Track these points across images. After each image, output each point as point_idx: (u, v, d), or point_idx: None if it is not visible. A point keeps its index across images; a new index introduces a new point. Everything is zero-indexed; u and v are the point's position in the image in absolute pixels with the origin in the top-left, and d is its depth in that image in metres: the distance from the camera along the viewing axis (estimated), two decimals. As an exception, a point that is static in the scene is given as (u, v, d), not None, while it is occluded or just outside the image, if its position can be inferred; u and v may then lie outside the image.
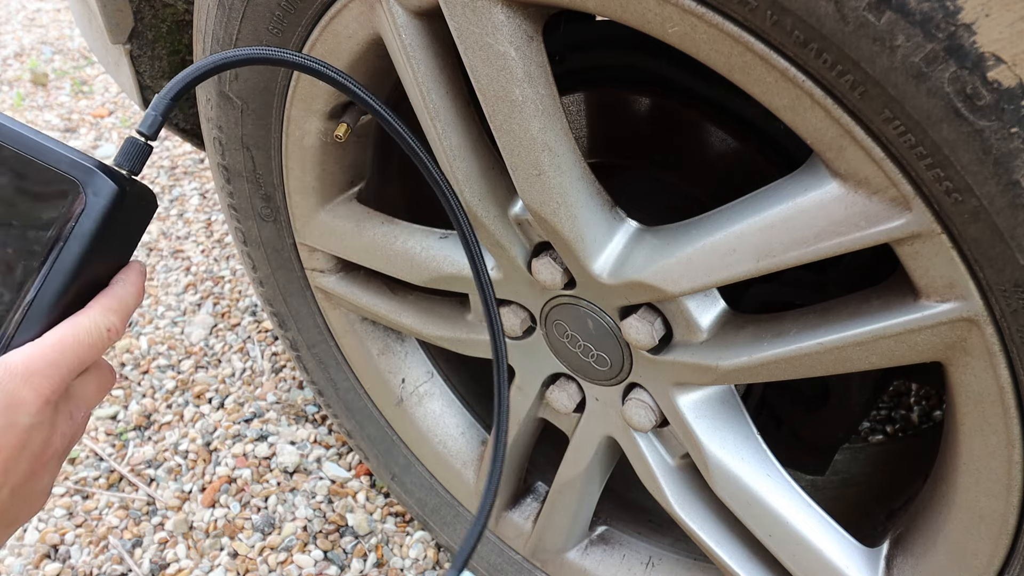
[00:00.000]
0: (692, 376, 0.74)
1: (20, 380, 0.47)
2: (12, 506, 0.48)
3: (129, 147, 0.51)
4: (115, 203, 0.49)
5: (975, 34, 0.43)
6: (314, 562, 1.25)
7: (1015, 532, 0.62)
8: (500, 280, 0.81)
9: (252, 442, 1.44)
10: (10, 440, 0.46)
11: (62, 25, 3.10)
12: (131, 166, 0.51)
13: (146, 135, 0.51)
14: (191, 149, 2.32)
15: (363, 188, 0.94)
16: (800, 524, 0.75)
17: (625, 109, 0.95)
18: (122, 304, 0.53)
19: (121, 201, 0.50)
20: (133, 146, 0.51)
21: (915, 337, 0.57)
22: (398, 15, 0.67)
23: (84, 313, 0.51)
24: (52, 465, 0.51)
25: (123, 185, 0.50)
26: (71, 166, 0.49)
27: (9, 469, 0.47)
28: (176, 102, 0.52)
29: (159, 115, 0.52)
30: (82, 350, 0.50)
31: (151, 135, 0.52)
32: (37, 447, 0.48)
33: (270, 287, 1.09)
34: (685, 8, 0.52)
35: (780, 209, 0.58)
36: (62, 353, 0.49)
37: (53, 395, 0.48)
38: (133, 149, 0.51)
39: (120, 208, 0.50)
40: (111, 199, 0.49)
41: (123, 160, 0.51)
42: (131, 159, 0.51)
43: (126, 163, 0.51)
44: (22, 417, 0.47)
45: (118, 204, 0.50)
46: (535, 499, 1.07)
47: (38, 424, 0.48)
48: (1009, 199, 0.47)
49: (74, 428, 0.52)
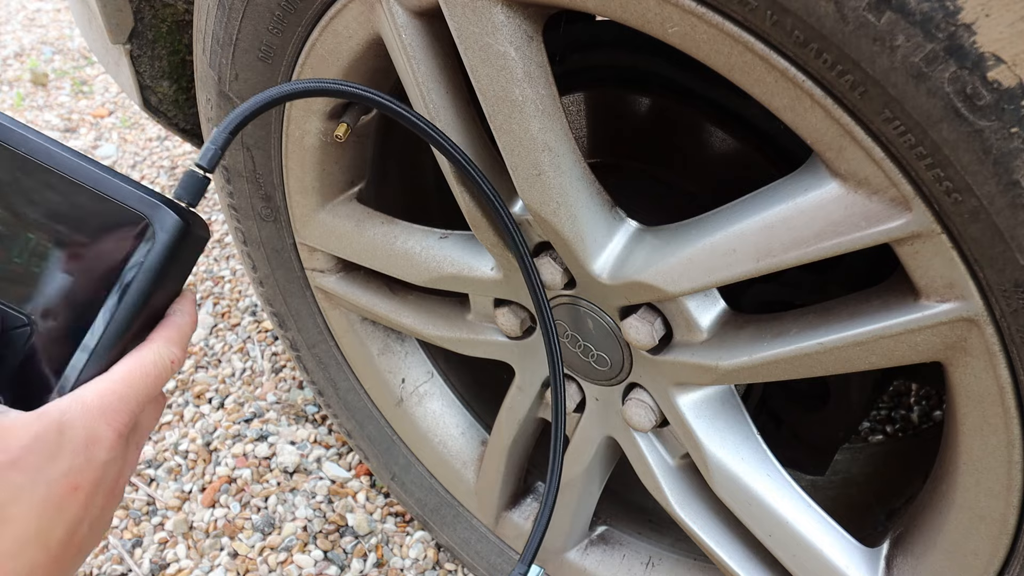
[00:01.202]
0: (692, 376, 0.74)
1: (97, 417, 0.47)
2: (88, 539, 0.49)
3: (188, 180, 0.52)
4: (180, 237, 0.51)
5: (975, 34, 0.43)
6: (314, 562, 1.25)
7: (1015, 532, 0.62)
8: (500, 280, 0.81)
9: (252, 442, 1.44)
10: (89, 476, 0.47)
11: (62, 25, 3.10)
12: (190, 199, 0.52)
13: (205, 168, 0.53)
14: (191, 149, 2.32)
15: (363, 188, 0.94)
16: (800, 524, 0.75)
17: (625, 109, 0.95)
18: (181, 334, 0.53)
19: (186, 235, 0.51)
20: (192, 179, 0.52)
21: (915, 337, 0.57)
22: (398, 15, 0.67)
23: (147, 346, 0.52)
24: (119, 495, 0.52)
25: (187, 219, 0.51)
26: (139, 202, 0.50)
27: (89, 504, 0.48)
28: (234, 135, 0.54)
29: (218, 148, 0.53)
30: (149, 382, 0.51)
31: (210, 168, 0.53)
32: (111, 481, 0.49)
33: (270, 287, 1.09)
34: (685, 8, 0.52)
35: (780, 209, 0.58)
36: (132, 387, 0.50)
37: (125, 429, 0.49)
38: (192, 182, 0.52)
39: (182, 239, 0.51)
40: (177, 234, 0.51)
41: (183, 193, 0.52)
42: (190, 192, 0.52)
43: (185, 196, 0.52)
44: (100, 453, 0.47)
45: (183, 238, 0.51)
46: (535, 499, 1.07)
47: (113, 459, 0.49)
48: (1009, 199, 0.47)
49: (136, 457, 0.53)
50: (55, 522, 0.46)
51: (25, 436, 0.44)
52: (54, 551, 0.46)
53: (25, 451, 0.44)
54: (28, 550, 0.45)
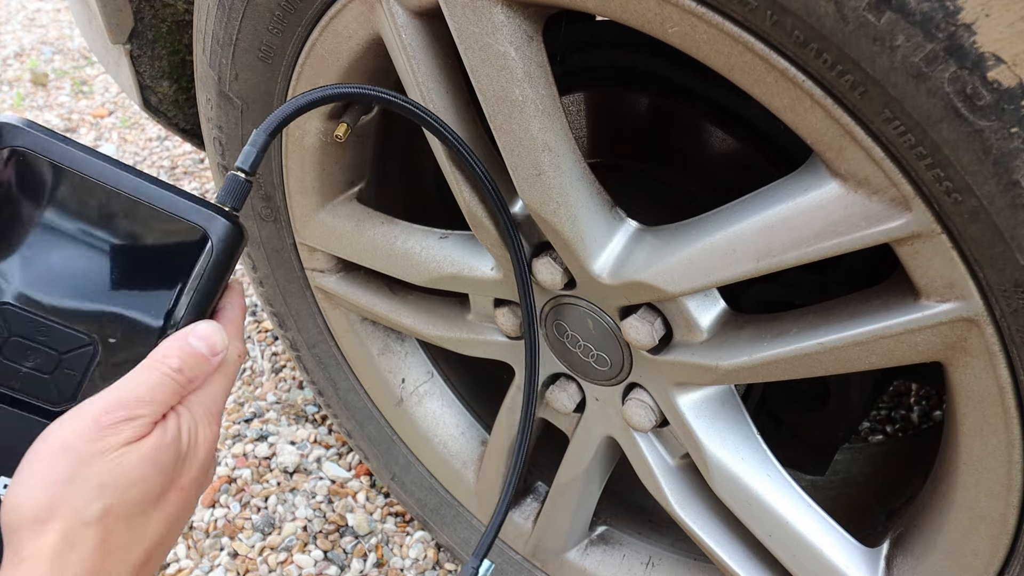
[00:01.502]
0: (692, 376, 0.74)
1: (202, 420, 0.52)
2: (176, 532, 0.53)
3: (231, 184, 0.54)
4: (234, 242, 0.53)
5: (975, 34, 0.43)
6: (314, 562, 1.25)
7: (1015, 532, 0.62)
8: (500, 280, 0.81)
9: (252, 442, 1.44)
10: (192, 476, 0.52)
11: (62, 25, 3.10)
12: (234, 203, 0.54)
13: (247, 171, 0.54)
14: (191, 149, 2.32)
15: (363, 188, 0.94)
16: (800, 524, 0.75)
17: (625, 109, 0.95)
18: (238, 327, 0.56)
19: (239, 240, 0.53)
20: (235, 183, 0.54)
21: (915, 337, 0.57)
22: (398, 15, 0.67)
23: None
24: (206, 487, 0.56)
25: (238, 224, 0.53)
26: (195, 213, 0.51)
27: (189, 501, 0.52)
28: (273, 137, 0.55)
29: (257, 151, 0.54)
30: (229, 381, 0.54)
31: (251, 171, 0.54)
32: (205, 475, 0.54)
33: (270, 287, 1.09)
34: (685, 8, 0.52)
35: (780, 209, 0.58)
36: (222, 388, 0.54)
37: (219, 428, 0.54)
38: (235, 186, 0.54)
39: (237, 245, 0.53)
40: (231, 240, 0.53)
41: (227, 197, 0.53)
42: (234, 196, 0.54)
43: (229, 200, 0.53)
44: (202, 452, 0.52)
45: (236, 242, 0.53)
46: (535, 499, 1.07)
47: (210, 456, 0.54)
48: (1009, 199, 0.47)
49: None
50: (156, 521, 0.49)
51: (146, 460, 0.47)
52: (148, 550, 0.49)
53: (144, 474, 0.47)
54: (130, 549, 0.48)
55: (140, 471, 0.47)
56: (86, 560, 0.45)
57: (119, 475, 0.46)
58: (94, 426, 0.46)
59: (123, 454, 0.46)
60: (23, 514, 0.45)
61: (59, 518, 0.44)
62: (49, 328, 0.50)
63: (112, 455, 0.46)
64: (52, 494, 0.45)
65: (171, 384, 0.49)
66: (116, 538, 0.47)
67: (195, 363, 0.50)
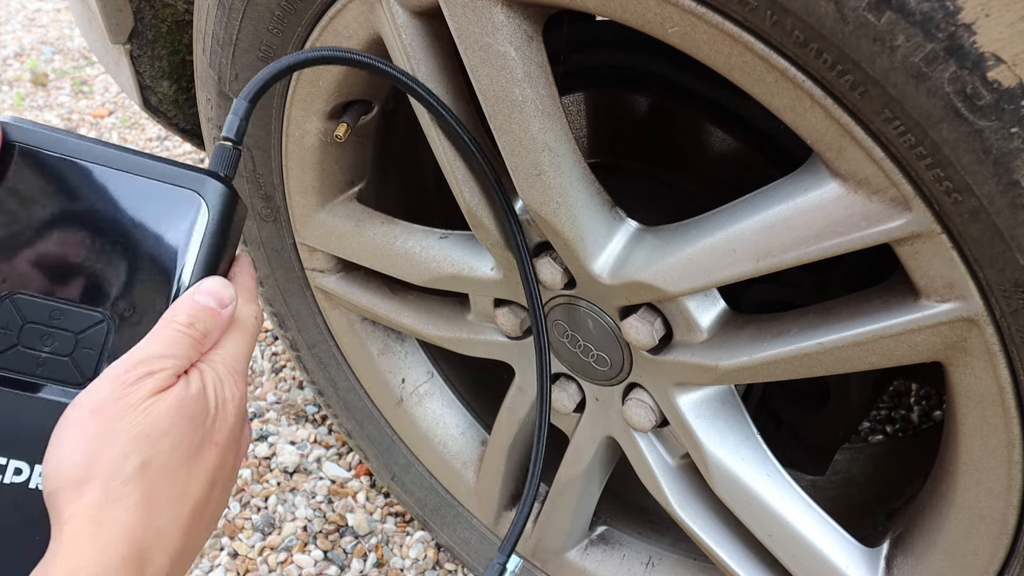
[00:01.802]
0: (692, 376, 0.74)
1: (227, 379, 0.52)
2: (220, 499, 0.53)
3: (221, 153, 0.54)
4: (231, 204, 0.53)
5: (975, 34, 0.43)
6: (314, 562, 1.25)
7: (1015, 532, 0.62)
8: (500, 280, 0.81)
9: (252, 442, 1.44)
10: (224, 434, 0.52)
11: (62, 25, 3.10)
12: (226, 171, 0.54)
13: (234, 140, 0.54)
14: (191, 149, 2.32)
15: (363, 188, 0.94)
16: (800, 524, 0.75)
17: (625, 109, 0.95)
18: (252, 292, 0.56)
19: (235, 202, 0.53)
20: (223, 152, 0.54)
21: (915, 337, 0.57)
22: (398, 15, 0.67)
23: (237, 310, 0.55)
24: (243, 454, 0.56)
25: (232, 188, 0.53)
26: (186, 179, 0.52)
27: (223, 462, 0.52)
28: (254, 104, 0.55)
29: (241, 118, 0.54)
30: (249, 342, 0.54)
31: (237, 139, 0.54)
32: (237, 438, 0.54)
33: (270, 287, 1.09)
34: (685, 8, 0.52)
35: (780, 209, 0.58)
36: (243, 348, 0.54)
37: (246, 387, 0.54)
38: (225, 155, 0.54)
39: (234, 208, 0.53)
40: (228, 201, 0.53)
41: (218, 167, 0.54)
42: (225, 164, 0.54)
43: (222, 169, 0.54)
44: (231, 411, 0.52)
45: (233, 205, 0.53)
46: (535, 499, 1.07)
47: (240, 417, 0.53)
48: (1009, 199, 0.47)
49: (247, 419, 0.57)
50: (197, 475, 0.49)
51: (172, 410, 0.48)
52: (195, 506, 0.49)
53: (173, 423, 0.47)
54: (177, 503, 0.48)
55: (169, 420, 0.47)
56: (130, 514, 0.45)
57: (149, 426, 0.46)
58: (118, 385, 0.47)
59: (151, 405, 0.47)
60: (62, 479, 0.45)
61: (97, 476, 0.45)
62: (62, 311, 0.51)
63: (140, 407, 0.46)
64: (88, 454, 0.45)
65: (185, 339, 0.50)
66: (159, 491, 0.47)
67: (205, 317, 0.51)
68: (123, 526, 0.44)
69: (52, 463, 0.46)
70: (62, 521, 0.44)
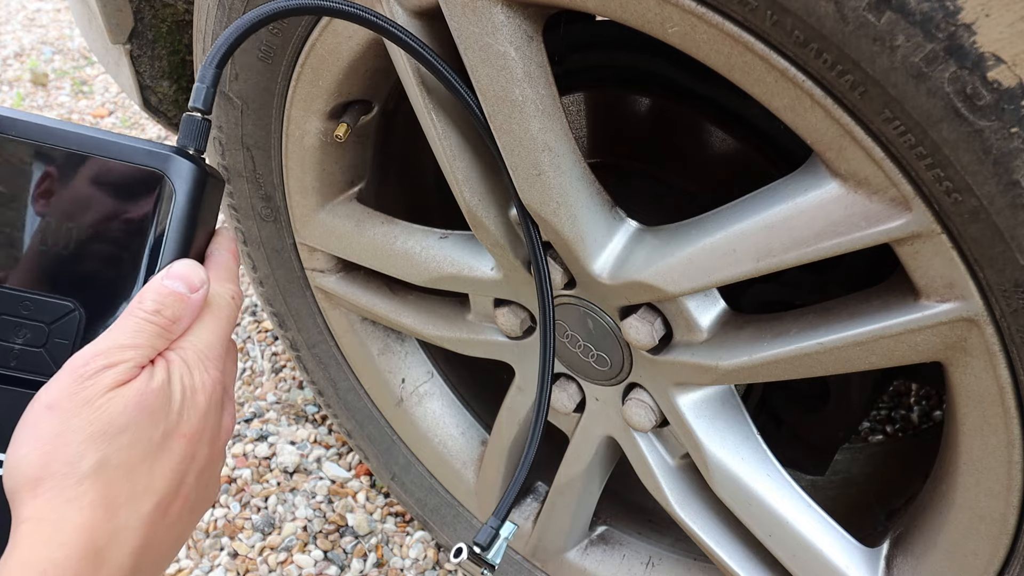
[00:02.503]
0: (692, 376, 0.74)
1: (196, 366, 0.49)
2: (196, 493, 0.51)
3: (189, 125, 0.51)
4: (200, 180, 0.50)
5: (975, 34, 0.43)
6: (314, 562, 1.25)
7: (1015, 532, 0.62)
8: (500, 280, 0.81)
9: (252, 442, 1.44)
10: (193, 424, 0.49)
11: (62, 25, 3.10)
12: (196, 144, 0.51)
13: (202, 110, 0.51)
14: (191, 149, 2.32)
15: (363, 188, 0.94)
16: (800, 524, 0.75)
17: (625, 109, 0.94)
18: (229, 270, 0.54)
19: (204, 178, 0.51)
20: (192, 123, 0.51)
21: (915, 337, 0.57)
22: (398, 15, 0.67)
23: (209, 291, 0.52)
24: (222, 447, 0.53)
25: (200, 164, 0.51)
26: (150, 157, 0.49)
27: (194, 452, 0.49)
28: (221, 68, 0.52)
29: (209, 86, 0.51)
30: (224, 324, 0.52)
31: (206, 108, 0.51)
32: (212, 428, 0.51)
33: (270, 287, 1.09)
34: (685, 8, 0.52)
35: (780, 209, 0.58)
36: (214, 332, 0.51)
37: (220, 374, 0.51)
38: (193, 127, 0.51)
39: (202, 186, 0.50)
40: (196, 179, 0.50)
41: (187, 140, 0.51)
42: (194, 137, 0.51)
43: (190, 142, 0.51)
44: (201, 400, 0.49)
45: (202, 182, 0.50)
46: (535, 499, 1.07)
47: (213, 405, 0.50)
48: (1009, 199, 0.47)
49: (233, 407, 0.55)
50: (160, 470, 0.47)
51: (132, 404, 0.45)
52: (158, 502, 0.47)
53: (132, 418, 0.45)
54: (137, 501, 0.46)
55: (128, 416, 0.45)
56: (87, 514, 0.44)
57: (107, 423, 0.45)
58: (75, 379, 0.45)
59: (108, 400, 0.45)
60: (19, 479, 0.44)
61: (52, 476, 0.43)
62: (32, 301, 0.49)
63: (97, 403, 0.45)
64: (43, 452, 0.44)
65: (150, 328, 0.48)
66: (117, 490, 0.45)
67: (172, 302, 0.49)
68: (77, 527, 0.43)
69: (11, 462, 0.44)
70: (19, 520, 0.43)
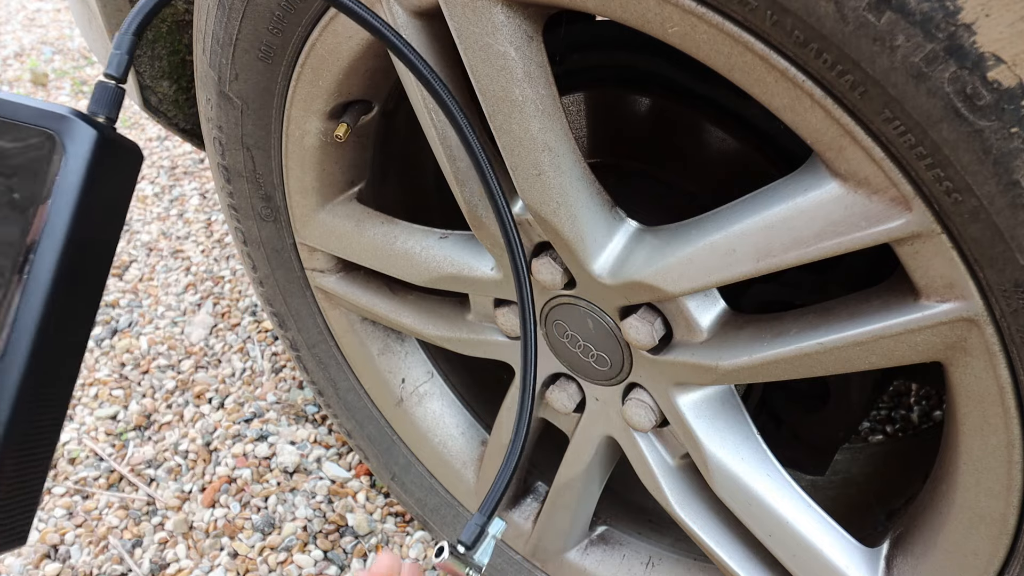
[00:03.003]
0: (692, 376, 0.74)
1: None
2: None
3: (100, 92, 0.47)
4: (97, 150, 0.45)
5: (975, 34, 0.43)
6: (314, 562, 1.25)
7: (1015, 532, 0.62)
8: (500, 280, 0.81)
9: (252, 442, 1.44)
10: None
11: (62, 25, 3.10)
12: (107, 111, 0.47)
13: (116, 77, 0.48)
14: (191, 149, 2.32)
15: (363, 188, 0.94)
16: (800, 524, 0.75)
17: (625, 109, 0.94)
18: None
19: (103, 148, 0.45)
20: (105, 91, 0.47)
21: (915, 337, 0.57)
22: (398, 15, 0.67)
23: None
24: None
25: (102, 131, 0.45)
26: (43, 117, 0.44)
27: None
28: (139, 37, 0.48)
29: (124, 53, 0.48)
30: None
31: (121, 77, 0.48)
32: None
33: (270, 287, 1.09)
34: (685, 8, 0.52)
35: (780, 209, 0.58)
36: None
37: None
38: (105, 94, 0.47)
39: (104, 156, 0.45)
40: (92, 146, 0.45)
41: (97, 107, 0.47)
42: (105, 104, 0.47)
43: (101, 109, 0.47)
44: None
45: (101, 151, 0.45)
46: (535, 499, 1.07)
47: None
48: (1009, 199, 0.47)
49: None
50: None
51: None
52: None
53: None
54: None
55: None
56: None
57: None
58: None
59: None
60: None
61: None
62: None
63: None
64: None
65: None
66: None
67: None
68: None
69: None
70: None
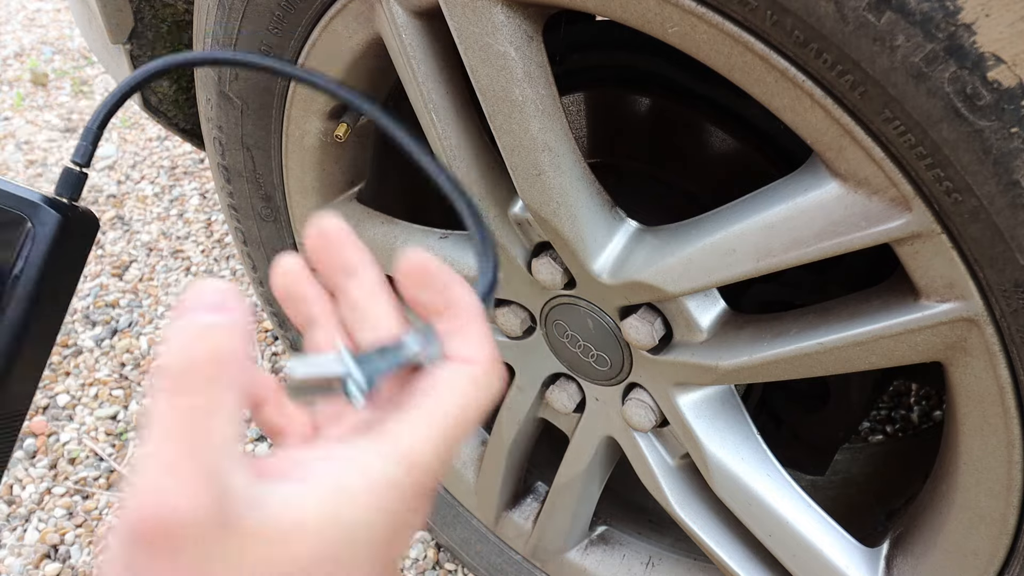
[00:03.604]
0: (692, 376, 0.74)
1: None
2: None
3: (67, 176, 0.55)
4: (60, 230, 0.54)
5: (975, 34, 0.43)
6: (314, 562, 1.25)
7: (1015, 532, 0.62)
8: (500, 280, 0.81)
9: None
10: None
11: (62, 25, 3.10)
12: (71, 194, 0.55)
13: (81, 164, 0.56)
14: (191, 149, 2.32)
15: (363, 188, 0.94)
16: (800, 524, 0.75)
17: (625, 109, 0.94)
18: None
19: (65, 227, 0.54)
20: (70, 175, 0.55)
21: (915, 337, 0.57)
22: (398, 15, 0.67)
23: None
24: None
25: (66, 212, 0.54)
26: (17, 202, 0.53)
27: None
28: (103, 128, 0.56)
29: (89, 144, 0.56)
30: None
31: (84, 163, 0.56)
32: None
33: (270, 287, 1.09)
34: (685, 8, 0.52)
35: (780, 209, 0.58)
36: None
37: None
38: (70, 178, 0.55)
39: (65, 233, 0.54)
40: (56, 227, 0.53)
41: (62, 189, 0.55)
42: (68, 187, 0.55)
43: (65, 192, 0.55)
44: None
45: (63, 230, 0.54)
46: (535, 499, 1.07)
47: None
48: (1009, 199, 0.47)
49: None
50: None
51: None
52: None
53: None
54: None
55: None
56: None
57: None
58: None
59: None
60: None
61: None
62: None
63: None
64: None
65: None
66: None
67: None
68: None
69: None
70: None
